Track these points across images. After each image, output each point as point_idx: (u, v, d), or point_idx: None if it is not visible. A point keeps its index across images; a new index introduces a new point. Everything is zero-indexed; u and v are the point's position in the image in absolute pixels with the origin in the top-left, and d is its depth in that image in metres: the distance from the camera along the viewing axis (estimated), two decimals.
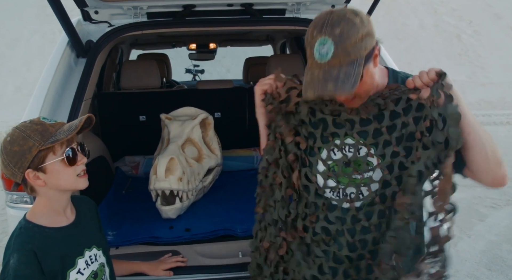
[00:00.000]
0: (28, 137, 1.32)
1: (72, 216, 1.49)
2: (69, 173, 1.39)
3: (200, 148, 2.80)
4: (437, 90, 1.26)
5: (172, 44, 5.46)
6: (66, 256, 1.41)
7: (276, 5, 2.66)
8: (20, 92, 13.93)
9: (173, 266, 2.01)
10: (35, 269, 1.32)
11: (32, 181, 1.35)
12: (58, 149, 1.35)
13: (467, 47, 15.44)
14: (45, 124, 1.36)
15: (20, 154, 1.32)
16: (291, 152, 1.48)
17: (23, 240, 1.35)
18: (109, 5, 2.48)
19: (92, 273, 1.49)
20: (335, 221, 1.43)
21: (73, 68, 2.34)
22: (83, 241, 1.49)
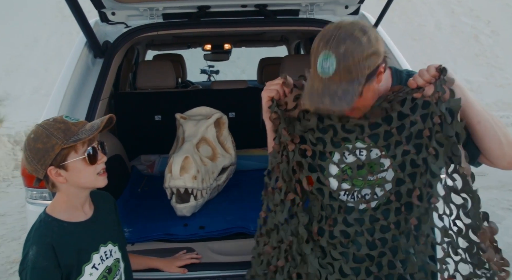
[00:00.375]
0: (52, 135, 1.35)
1: (90, 212, 1.53)
2: (90, 172, 1.43)
3: (214, 147, 2.84)
4: (441, 86, 1.27)
5: (188, 45, 5.52)
6: (82, 251, 1.45)
7: (289, 6, 2.69)
8: (38, 92, 14.14)
9: (187, 263, 2.04)
10: (52, 262, 1.36)
11: (53, 177, 1.39)
12: (80, 148, 1.39)
13: (485, 47, 15.27)
14: (68, 122, 1.39)
15: (43, 152, 1.35)
16: (293, 159, 1.48)
17: (42, 233, 1.40)
18: (126, 6, 2.53)
19: (107, 268, 1.53)
20: (353, 222, 1.45)
21: (91, 68, 2.40)
22: (99, 237, 1.53)
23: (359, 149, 1.42)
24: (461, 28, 16.18)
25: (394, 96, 1.36)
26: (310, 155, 1.48)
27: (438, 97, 1.28)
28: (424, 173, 1.36)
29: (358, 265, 1.45)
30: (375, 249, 1.43)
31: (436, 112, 1.29)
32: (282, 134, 1.48)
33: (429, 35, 15.77)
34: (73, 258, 1.42)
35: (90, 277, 1.46)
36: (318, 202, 1.51)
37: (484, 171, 6.13)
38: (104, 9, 2.52)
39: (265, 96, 1.52)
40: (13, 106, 13.01)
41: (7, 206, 5.42)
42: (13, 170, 7.05)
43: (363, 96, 1.28)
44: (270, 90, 1.50)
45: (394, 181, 1.39)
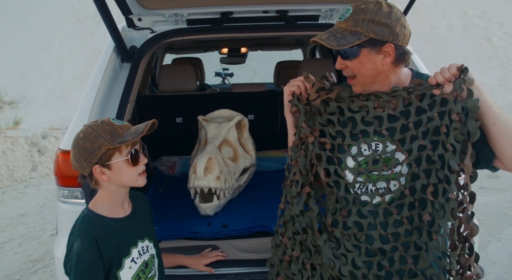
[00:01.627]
0: (99, 136, 1.45)
1: (129, 209, 1.62)
2: (131, 172, 1.52)
3: (235, 149, 2.91)
4: (460, 85, 1.33)
5: (205, 49, 5.60)
6: (122, 245, 1.54)
7: (310, 12, 2.75)
8: (52, 94, 14.30)
9: (213, 260, 2.11)
10: (95, 254, 1.44)
11: (98, 175, 1.49)
12: (123, 149, 1.49)
13: (498, 50, 15.19)
14: (115, 125, 1.49)
15: (90, 151, 1.45)
16: (313, 151, 1.52)
17: (86, 227, 1.49)
18: (152, 12, 2.61)
19: (144, 263, 1.61)
20: (367, 214, 1.49)
21: (118, 72, 2.48)
22: (137, 233, 1.61)
23: (376, 142, 1.48)
24: (474, 30, 16.11)
25: (413, 88, 1.42)
26: (329, 148, 1.53)
27: (456, 95, 1.34)
28: (440, 170, 1.41)
29: (370, 259, 1.49)
30: (387, 243, 1.47)
31: (454, 110, 1.34)
32: (301, 126, 1.53)
33: (441, 37, 15.72)
34: (114, 251, 1.50)
35: (129, 270, 1.54)
36: (333, 195, 1.55)
37: (498, 174, 6.13)
38: (131, 15, 2.60)
39: (287, 91, 1.59)
40: (28, 108, 13.16)
41: (26, 207, 5.52)
42: (30, 171, 7.16)
43: (359, 60, 1.42)
44: (292, 85, 1.57)
45: (409, 175, 1.44)
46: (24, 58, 15.92)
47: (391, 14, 1.38)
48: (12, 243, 4.37)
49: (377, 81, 1.46)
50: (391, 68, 1.44)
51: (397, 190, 1.47)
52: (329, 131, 1.54)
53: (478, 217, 4.56)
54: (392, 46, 1.39)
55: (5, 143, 7.42)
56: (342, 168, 1.52)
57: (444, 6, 17.23)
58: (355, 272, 1.49)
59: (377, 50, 1.40)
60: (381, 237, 1.48)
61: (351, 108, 1.50)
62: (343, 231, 1.52)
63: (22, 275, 3.69)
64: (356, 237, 1.51)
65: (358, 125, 1.49)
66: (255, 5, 2.64)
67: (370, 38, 1.37)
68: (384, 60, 1.41)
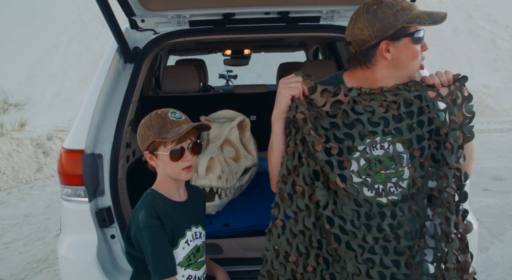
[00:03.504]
0: (151, 127, 1.58)
1: (185, 197, 1.74)
2: (173, 166, 1.61)
3: (237, 149, 2.94)
4: (457, 91, 1.41)
5: (208, 50, 5.63)
6: (178, 225, 1.64)
7: (311, 13, 2.77)
8: (58, 97, 14.39)
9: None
10: (159, 222, 1.57)
11: (148, 159, 1.64)
12: (169, 144, 1.58)
13: (503, 52, 15.15)
14: (167, 120, 1.59)
15: (143, 138, 1.61)
16: (322, 159, 1.42)
17: (149, 200, 1.62)
18: (155, 14, 2.64)
19: (196, 247, 1.71)
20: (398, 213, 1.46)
21: (121, 72, 2.51)
22: (192, 218, 1.72)
23: (386, 143, 1.48)
24: (479, 32, 16.08)
25: (414, 87, 1.46)
26: (336, 153, 1.44)
27: (452, 100, 1.40)
28: (441, 168, 1.46)
29: (398, 258, 1.46)
30: (412, 240, 1.49)
31: (453, 112, 1.40)
32: (309, 134, 1.41)
33: (446, 39, 15.70)
34: (170, 228, 1.60)
35: (182, 251, 1.65)
36: (350, 200, 1.45)
37: (501, 176, 6.14)
38: (134, 16, 2.63)
39: (286, 94, 1.45)
40: (33, 110, 13.25)
41: (31, 207, 5.57)
42: (36, 172, 7.22)
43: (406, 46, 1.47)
44: (292, 88, 1.45)
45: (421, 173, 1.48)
46: (30, 61, 16.03)
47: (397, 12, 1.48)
48: (17, 243, 4.41)
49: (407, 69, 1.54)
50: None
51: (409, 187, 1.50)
52: (334, 134, 1.46)
53: (481, 218, 4.57)
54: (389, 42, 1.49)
55: (10, 145, 7.48)
56: (358, 171, 1.46)
57: (449, 8, 17.19)
58: (385, 272, 1.45)
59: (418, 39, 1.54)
60: (406, 234, 1.48)
61: (355, 109, 1.45)
62: (378, 234, 1.45)
63: (27, 275, 3.72)
64: (385, 239, 1.46)
65: (366, 126, 1.45)
66: (256, 7, 2.67)
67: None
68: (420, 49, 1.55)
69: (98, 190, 2.13)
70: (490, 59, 14.89)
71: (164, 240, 1.57)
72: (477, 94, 12.70)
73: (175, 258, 1.62)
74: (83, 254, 2.09)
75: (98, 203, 2.15)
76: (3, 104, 13.79)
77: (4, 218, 5.19)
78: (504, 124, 10.40)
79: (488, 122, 10.66)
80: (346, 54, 4.12)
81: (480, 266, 3.60)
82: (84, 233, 2.12)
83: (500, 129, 9.89)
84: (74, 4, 18.66)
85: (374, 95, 1.45)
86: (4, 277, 3.69)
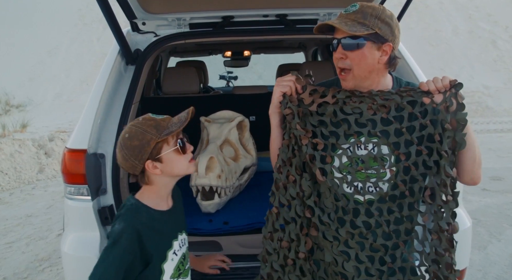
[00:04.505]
0: (146, 132, 1.49)
1: (171, 203, 1.66)
2: (182, 160, 1.56)
3: (237, 149, 2.99)
4: (451, 98, 1.43)
5: (209, 52, 5.67)
6: (165, 237, 1.58)
7: (308, 15, 2.83)
8: (59, 98, 14.44)
9: (217, 265, 2.12)
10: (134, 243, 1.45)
11: (150, 170, 1.51)
12: (170, 140, 1.53)
13: (503, 53, 15.17)
14: (157, 119, 1.54)
15: (139, 148, 1.48)
16: (306, 153, 1.52)
17: (134, 214, 1.52)
18: (156, 16, 2.69)
19: (183, 255, 1.66)
20: (373, 211, 1.53)
21: (123, 74, 2.55)
22: (177, 226, 1.66)
23: (370, 144, 1.53)
24: (479, 33, 16.11)
25: (406, 93, 1.49)
26: (321, 148, 1.55)
27: (446, 107, 1.43)
28: (437, 175, 1.48)
29: (373, 254, 1.53)
30: (390, 239, 1.52)
31: (446, 120, 1.43)
32: (296, 128, 1.53)
33: (446, 40, 15.73)
34: (157, 242, 1.52)
35: (171, 262, 1.58)
36: (331, 194, 1.53)
37: (501, 176, 6.17)
38: (136, 19, 2.68)
39: (277, 91, 1.58)
40: (35, 111, 13.29)
41: (33, 208, 5.62)
42: (37, 173, 7.27)
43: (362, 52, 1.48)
44: (283, 86, 1.56)
45: (407, 177, 1.51)
46: (31, 62, 16.09)
47: (392, 17, 1.50)
48: (20, 243, 4.46)
49: (370, 78, 1.54)
50: (383, 68, 1.53)
51: (392, 190, 1.52)
52: (321, 131, 1.56)
53: (480, 218, 4.62)
54: (390, 46, 1.49)
55: (13, 146, 7.53)
56: (339, 167, 1.55)
57: (449, 9, 17.24)
58: (359, 266, 1.52)
59: (378, 46, 1.49)
60: (384, 234, 1.53)
61: (344, 110, 1.54)
62: (351, 229, 1.53)
63: (30, 274, 3.76)
64: (362, 235, 1.53)
65: (352, 126, 1.53)
66: (255, 10, 2.72)
67: (376, 32, 1.46)
68: (381, 58, 1.50)
69: (101, 189, 2.18)
70: (490, 59, 14.92)
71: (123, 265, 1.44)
72: (477, 94, 12.73)
73: (165, 272, 1.56)
74: (85, 250, 2.12)
75: (101, 201, 2.19)
76: (5, 105, 13.85)
77: (7, 218, 5.24)
78: (504, 125, 10.41)
79: (488, 122, 10.68)
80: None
81: (477, 264, 3.65)
82: (86, 231, 2.16)
83: (500, 130, 9.91)
84: (75, 6, 18.74)
85: (363, 98, 1.51)
86: (7, 276, 3.74)
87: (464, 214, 2.33)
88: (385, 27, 1.47)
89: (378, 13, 1.47)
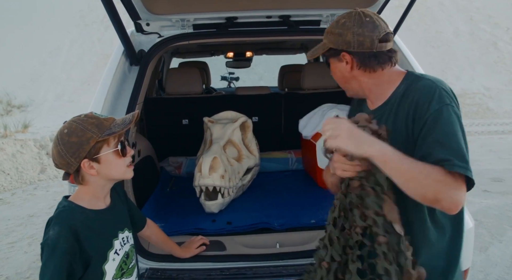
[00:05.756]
0: (86, 130, 1.42)
1: (108, 201, 1.59)
2: (120, 164, 1.51)
3: (240, 149, 3.00)
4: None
5: (211, 53, 5.69)
6: (104, 237, 1.51)
7: (311, 17, 2.84)
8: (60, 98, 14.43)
9: (201, 243, 2.20)
10: (71, 245, 1.37)
11: (86, 170, 1.44)
12: (111, 141, 1.47)
13: (504, 54, 15.16)
14: (100, 118, 1.47)
15: (78, 145, 1.40)
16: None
17: (66, 216, 1.43)
18: (160, 17, 2.71)
19: (125, 254, 1.59)
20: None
21: (127, 75, 2.57)
22: (117, 224, 1.59)
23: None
24: (480, 35, 16.10)
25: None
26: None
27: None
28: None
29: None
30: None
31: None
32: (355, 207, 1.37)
33: (447, 42, 15.73)
34: (95, 243, 1.45)
35: (113, 263, 1.51)
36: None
37: (501, 177, 6.18)
38: (140, 20, 2.70)
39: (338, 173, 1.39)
40: (37, 112, 13.29)
41: (35, 208, 5.63)
42: (39, 173, 7.27)
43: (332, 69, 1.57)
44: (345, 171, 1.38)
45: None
46: (33, 63, 16.09)
47: (344, 24, 1.48)
48: (22, 243, 4.47)
49: (352, 87, 1.57)
50: (360, 73, 1.52)
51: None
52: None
53: (481, 219, 4.63)
54: (347, 54, 1.50)
55: (14, 146, 7.54)
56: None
57: (450, 11, 17.24)
58: None
59: (338, 58, 1.52)
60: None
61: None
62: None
63: (32, 273, 3.77)
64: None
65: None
66: (258, 11, 2.74)
67: (330, 48, 1.51)
68: (347, 67, 1.52)
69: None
70: (491, 61, 14.91)
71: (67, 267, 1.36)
72: (478, 96, 12.73)
73: (107, 273, 1.49)
74: None
75: None
76: (6, 105, 13.86)
77: (9, 218, 5.25)
78: (505, 126, 10.41)
79: (489, 124, 10.68)
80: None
81: (479, 265, 3.66)
82: None
83: (500, 131, 9.90)
84: (77, 7, 18.74)
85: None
86: (10, 276, 3.75)
87: (467, 215, 2.34)
88: (335, 38, 1.49)
89: (329, 28, 1.53)
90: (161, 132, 3.71)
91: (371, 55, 1.48)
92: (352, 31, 1.47)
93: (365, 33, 1.46)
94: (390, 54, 1.51)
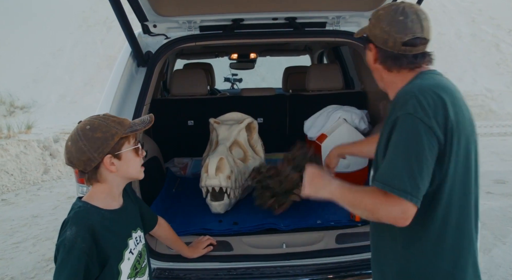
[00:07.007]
0: (110, 126, 1.45)
1: (121, 201, 1.61)
2: (137, 162, 1.56)
3: (245, 150, 3.01)
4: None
5: (215, 54, 5.71)
6: (120, 237, 1.53)
7: (317, 19, 2.86)
8: (63, 99, 14.44)
9: (208, 243, 2.24)
10: (89, 245, 1.38)
11: (107, 166, 1.46)
12: (131, 140, 1.52)
13: (506, 56, 15.13)
14: (119, 118, 1.52)
15: (102, 140, 1.42)
16: None
17: (83, 216, 1.45)
18: (166, 19, 2.73)
19: (139, 253, 1.62)
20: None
21: (134, 76, 2.59)
22: (131, 223, 1.62)
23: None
24: (482, 36, 16.09)
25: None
26: None
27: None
28: None
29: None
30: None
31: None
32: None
33: (449, 44, 15.71)
34: (112, 243, 1.47)
35: (128, 262, 1.54)
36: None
37: (504, 179, 6.18)
38: (147, 22, 2.72)
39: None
40: (39, 113, 13.29)
41: (39, 208, 5.63)
42: (43, 174, 7.29)
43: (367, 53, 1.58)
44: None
45: None
46: (35, 64, 16.11)
47: (379, 17, 1.50)
48: (27, 243, 4.48)
49: (377, 78, 1.62)
50: (381, 68, 1.54)
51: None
52: None
53: (484, 221, 4.62)
54: (373, 46, 1.53)
55: (18, 147, 7.56)
56: None
57: (452, 12, 17.23)
58: None
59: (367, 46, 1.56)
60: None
61: None
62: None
63: (37, 274, 3.78)
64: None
65: None
66: (265, 13, 2.75)
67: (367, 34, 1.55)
68: (371, 58, 1.55)
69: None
70: (494, 63, 14.88)
71: (83, 267, 1.36)
72: (480, 97, 12.71)
73: (123, 272, 1.51)
74: None
75: None
76: (9, 106, 13.87)
77: (13, 219, 5.25)
78: (507, 128, 10.40)
79: (491, 126, 10.67)
80: (351, 58, 4.21)
81: (482, 267, 3.61)
82: None
83: (503, 133, 9.90)
84: (79, 8, 18.76)
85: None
86: (15, 276, 3.76)
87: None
88: (369, 26, 1.53)
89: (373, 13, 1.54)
90: (166, 133, 3.72)
91: (391, 55, 1.49)
92: (381, 27, 1.47)
93: (391, 32, 1.46)
94: (412, 60, 1.49)
